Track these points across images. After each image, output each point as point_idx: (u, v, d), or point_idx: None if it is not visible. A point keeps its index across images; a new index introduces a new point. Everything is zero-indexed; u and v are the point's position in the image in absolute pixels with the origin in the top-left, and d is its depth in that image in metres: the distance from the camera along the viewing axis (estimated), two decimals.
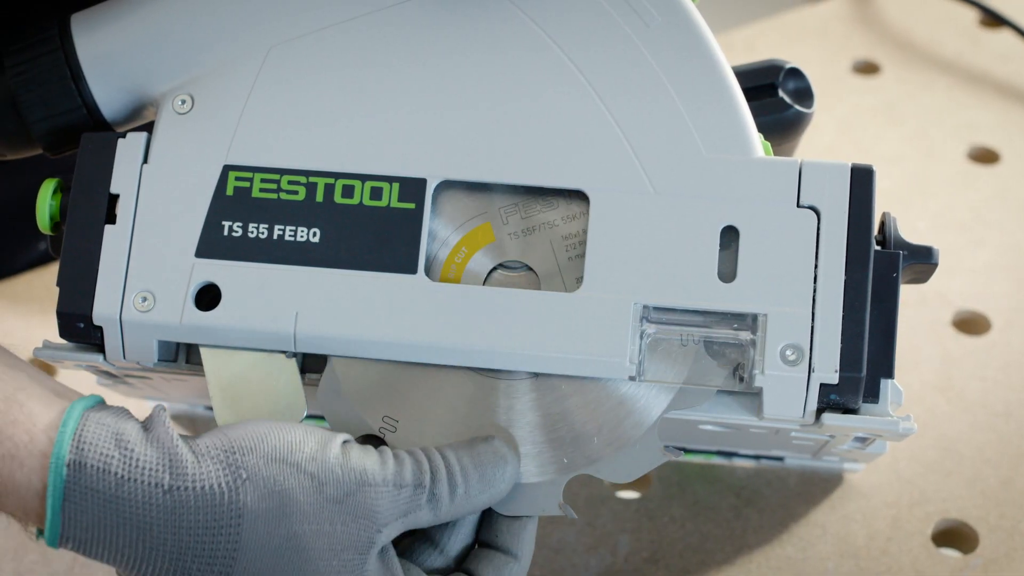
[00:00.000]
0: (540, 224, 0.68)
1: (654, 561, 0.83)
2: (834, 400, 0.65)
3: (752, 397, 0.67)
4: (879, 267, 0.65)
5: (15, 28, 0.71)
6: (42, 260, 1.02)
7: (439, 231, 0.68)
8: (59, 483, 0.60)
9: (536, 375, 0.67)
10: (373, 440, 0.67)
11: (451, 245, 0.68)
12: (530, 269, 0.67)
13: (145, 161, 0.68)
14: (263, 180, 0.68)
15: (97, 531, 0.60)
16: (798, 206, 0.65)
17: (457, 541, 0.67)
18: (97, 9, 0.71)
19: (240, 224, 0.67)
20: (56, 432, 0.61)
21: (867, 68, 1.19)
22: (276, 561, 0.61)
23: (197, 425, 0.91)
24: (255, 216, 0.67)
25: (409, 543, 0.67)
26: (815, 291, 0.64)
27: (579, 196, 0.67)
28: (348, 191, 0.67)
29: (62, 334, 0.68)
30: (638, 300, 0.65)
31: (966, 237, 1.03)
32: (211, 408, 0.79)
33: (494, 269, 0.68)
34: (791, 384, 0.64)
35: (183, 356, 0.70)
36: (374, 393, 0.67)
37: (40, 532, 0.62)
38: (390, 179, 0.67)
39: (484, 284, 0.67)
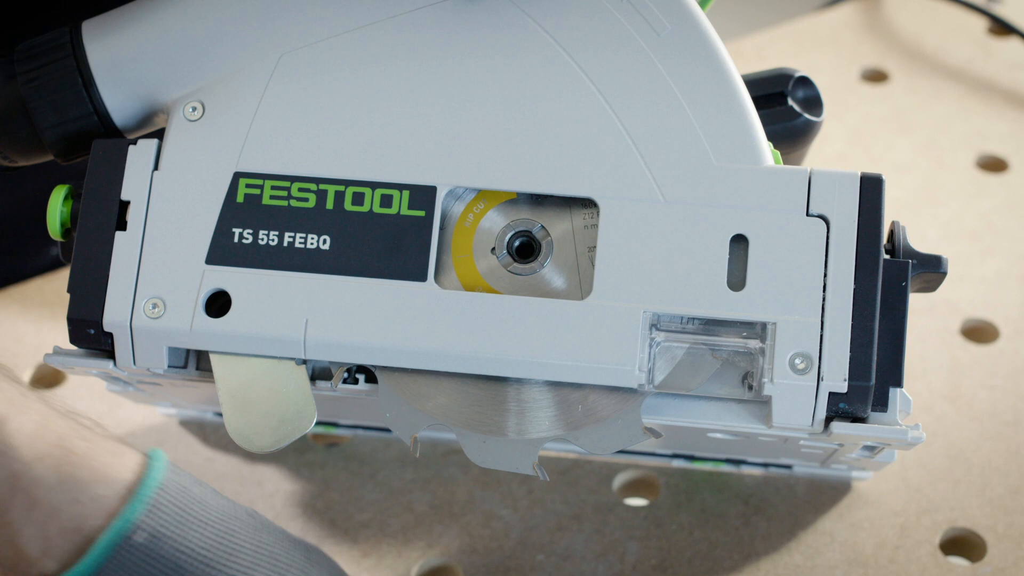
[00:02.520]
0: None
1: (662, 569, 0.83)
2: (843, 409, 0.65)
3: (761, 405, 0.67)
4: (888, 276, 0.65)
5: (27, 35, 0.71)
6: (53, 265, 1.02)
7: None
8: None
9: None
10: None
11: (467, 200, 0.68)
12: (538, 273, 0.68)
13: (156, 168, 0.68)
14: (273, 187, 0.68)
15: None
16: (807, 215, 0.65)
17: None
18: (108, 16, 0.71)
19: (250, 231, 0.68)
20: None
21: (876, 76, 1.19)
22: None
23: (207, 431, 0.91)
24: (265, 223, 0.68)
25: None
26: (824, 300, 0.65)
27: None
28: (358, 198, 0.67)
29: (72, 340, 0.69)
30: (647, 308, 0.65)
31: (976, 246, 1.03)
32: (221, 414, 0.79)
33: (510, 236, 0.68)
34: (800, 393, 0.64)
35: (193, 363, 0.70)
36: None
37: None
38: (400, 187, 0.67)
39: (494, 248, 0.68)
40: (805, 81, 0.73)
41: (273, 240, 0.68)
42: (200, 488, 0.64)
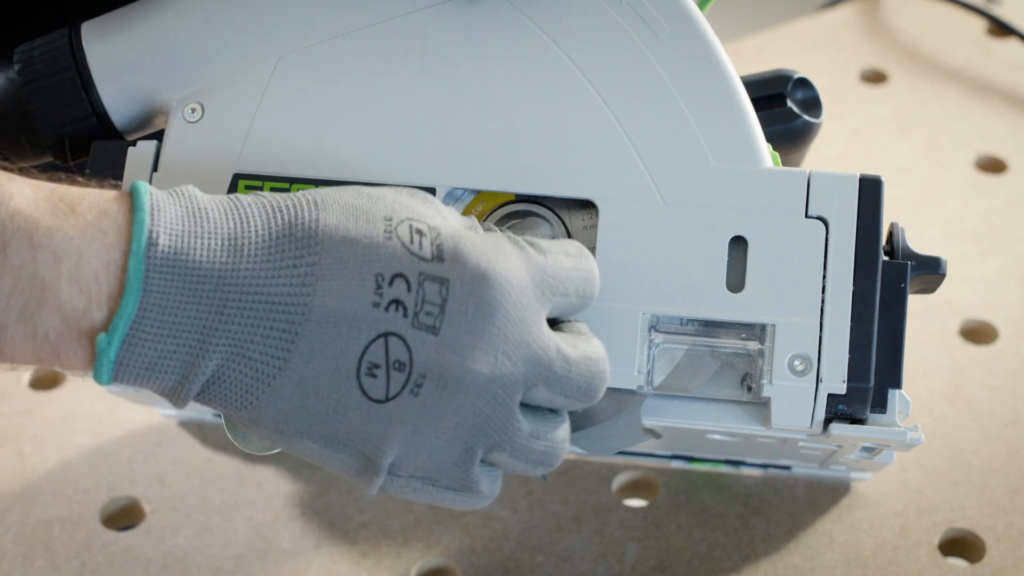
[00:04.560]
0: None
1: (661, 569, 0.83)
2: (842, 410, 0.65)
3: (760, 407, 0.67)
4: (887, 277, 0.65)
5: (27, 37, 0.71)
6: None
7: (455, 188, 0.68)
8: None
9: None
10: None
11: (466, 201, 0.68)
12: None
13: (155, 169, 0.68)
14: (273, 189, 0.68)
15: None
16: (806, 216, 0.65)
17: None
18: (108, 18, 0.71)
19: None
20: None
21: (876, 77, 1.19)
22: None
23: (206, 432, 0.91)
24: None
25: None
26: (823, 301, 0.65)
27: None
28: None
29: None
30: (647, 310, 0.65)
31: (975, 246, 1.03)
32: (219, 415, 0.79)
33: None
34: (799, 394, 0.64)
35: None
36: None
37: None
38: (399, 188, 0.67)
39: None
40: (804, 82, 0.73)
41: None
42: (185, 186, 0.60)
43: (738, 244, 0.66)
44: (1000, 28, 1.22)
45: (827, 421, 0.65)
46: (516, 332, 0.59)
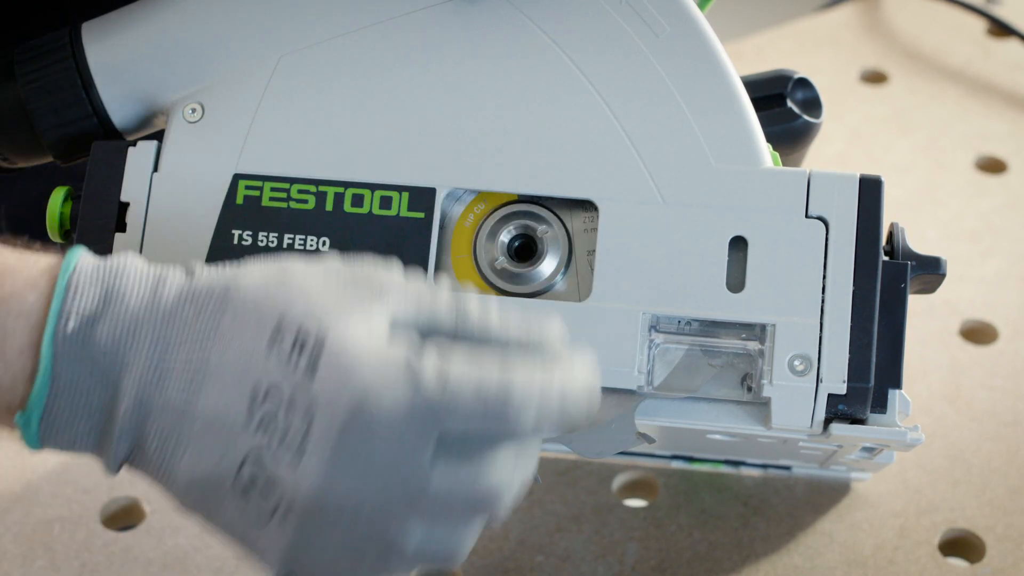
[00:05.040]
0: None
1: (661, 570, 0.83)
2: (842, 410, 0.65)
3: (760, 407, 0.67)
4: (887, 277, 0.65)
5: (26, 37, 0.71)
6: None
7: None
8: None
9: None
10: None
11: (467, 201, 0.68)
12: (536, 274, 0.68)
13: (155, 169, 0.68)
14: (273, 189, 0.68)
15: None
16: (807, 216, 0.65)
17: None
18: (108, 18, 0.71)
19: (250, 233, 0.68)
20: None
21: (876, 77, 1.19)
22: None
23: None
24: (265, 225, 0.68)
25: None
26: (823, 301, 0.65)
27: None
28: (358, 200, 0.67)
29: None
30: (647, 310, 0.65)
31: (975, 246, 1.03)
32: None
33: (509, 238, 0.68)
34: (799, 394, 0.64)
35: None
36: None
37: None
38: (400, 188, 0.67)
39: (493, 248, 0.68)
40: (804, 82, 0.73)
41: (272, 242, 0.68)
42: (126, 258, 0.59)
43: (738, 244, 0.66)
44: (1000, 28, 1.22)
45: (827, 421, 0.65)
46: (384, 459, 0.55)
